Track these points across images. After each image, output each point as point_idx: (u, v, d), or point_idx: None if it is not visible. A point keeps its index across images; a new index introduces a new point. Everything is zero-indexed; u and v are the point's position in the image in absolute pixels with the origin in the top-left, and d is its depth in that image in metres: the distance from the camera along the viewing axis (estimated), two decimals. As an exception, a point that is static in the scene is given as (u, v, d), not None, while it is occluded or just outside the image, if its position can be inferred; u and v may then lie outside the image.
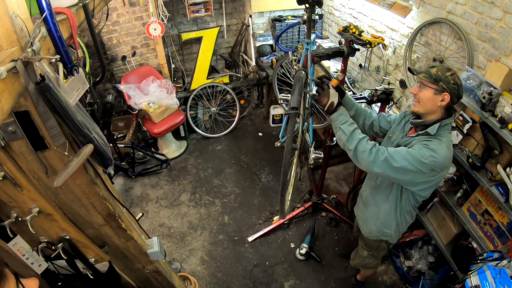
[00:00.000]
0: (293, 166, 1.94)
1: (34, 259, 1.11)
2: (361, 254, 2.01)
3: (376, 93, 2.06)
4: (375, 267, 2.20)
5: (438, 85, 1.36)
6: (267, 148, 3.82)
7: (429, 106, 1.41)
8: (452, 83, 1.34)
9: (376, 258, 2.00)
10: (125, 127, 3.75)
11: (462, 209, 2.04)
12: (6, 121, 0.76)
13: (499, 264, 1.54)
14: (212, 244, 2.82)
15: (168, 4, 3.52)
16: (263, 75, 3.87)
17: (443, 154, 1.36)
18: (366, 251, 1.96)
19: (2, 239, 1.01)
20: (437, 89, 1.36)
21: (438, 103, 1.38)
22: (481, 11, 1.85)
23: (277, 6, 3.79)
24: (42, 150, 0.86)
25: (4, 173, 0.85)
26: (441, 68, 1.39)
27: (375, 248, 1.91)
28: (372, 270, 2.31)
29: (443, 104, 1.38)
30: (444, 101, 1.37)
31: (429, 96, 1.39)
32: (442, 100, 1.37)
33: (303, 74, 1.79)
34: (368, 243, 1.91)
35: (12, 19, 0.67)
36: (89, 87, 2.09)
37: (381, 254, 1.99)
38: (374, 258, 1.98)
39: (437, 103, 1.38)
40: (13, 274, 0.72)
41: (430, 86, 1.38)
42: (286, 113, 1.58)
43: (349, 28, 2.01)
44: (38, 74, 0.70)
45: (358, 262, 2.10)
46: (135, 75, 3.59)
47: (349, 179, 3.38)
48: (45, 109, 0.76)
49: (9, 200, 0.93)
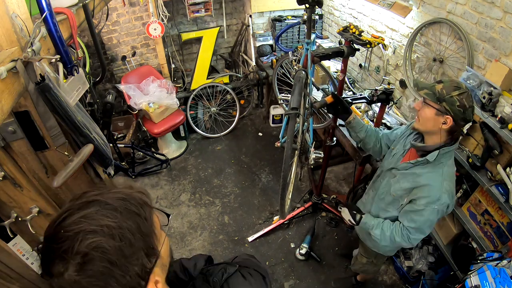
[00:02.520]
0: (293, 166, 1.94)
1: (34, 259, 1.11)
2: (361, 260, 1.99)
3: (376, 93, 2.05)
4: (375, 273, 2.19)
5: (441, 105, 1.21)
6: (267, 148, 3.82)
7: (429, 127, 1.30)
8: (457, 105, 1.18)
9: (376, 265, 1.98)
10: (125, 127, 3.75)
11: (462, 209, 2.04)
12: (6, 121, 0.76)
13: (499, 264, 1.54)
14: (212, 244, 2.81)
15: (168, 4, 3.52)
16: (263, 75, 3.87)
17: (447, 193, 1.32)
18: (365, 258, 1.95)
19: (2, 239, 1.01)
20: (439, 110, 1.22)
21: (439, 125, 1.25)
22: (481, 11, 1.85)
23: (277, 6, 3.79)
24: (42, 150, 0.86)
25: (4, 173, 0.85)
26: (449, 84, 1.22)
27: (373, 255, 1.89)
28: (373, 274, 2.31)
29: (444, 127, 1.24)
30: (446, 124, 1.23)
31: (429, 115, 1.26)
32: (444, 123, 1.23)
33: (303, 74, 1.79)
34: (367, 251, 1.90)
35: (12, 19, 0.67)
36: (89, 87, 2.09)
37: (381, 262, 1.98)
38: (373, 265, 1.97)
39: (438, 125, 1.25)
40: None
41: (432, 105, 1.24)
42: (286, 113, 1.58)
43: (349, 28, 2.01)
44: (38, 74, 0.70)
45: (358, 268, 2.10)
46: (135, 75, 3.59)
47: (349, 179, 3.38)
48: (45, 109, 0.76)
49: (9, 200, 0.93)
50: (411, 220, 1.42)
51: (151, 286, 0.59)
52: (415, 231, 1.42)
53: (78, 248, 0.51)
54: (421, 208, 1.37)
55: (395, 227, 1.49)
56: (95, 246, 0.52)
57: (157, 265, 0.60)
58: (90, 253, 0.51)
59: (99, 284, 0.52)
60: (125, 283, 0.54)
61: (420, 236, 1.45)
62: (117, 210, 0.56)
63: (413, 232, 1.43)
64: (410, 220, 1.43)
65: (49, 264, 0.53)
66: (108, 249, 0.52)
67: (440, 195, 1.32)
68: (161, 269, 0.62)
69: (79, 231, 0.52)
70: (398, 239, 1.46)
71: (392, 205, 1.54)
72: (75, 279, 0.51)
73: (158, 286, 0.60)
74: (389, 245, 1.53)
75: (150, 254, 0.59)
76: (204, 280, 0.72)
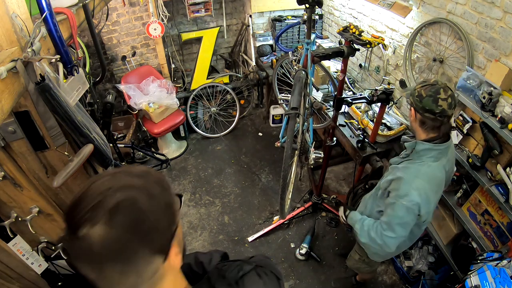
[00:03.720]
0: (293, 166, 1.94)
1: (34, 259, 1.11)
2: (354, 256, 1.98)
3: (376, 93, 2.06)
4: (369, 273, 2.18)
5: (410, 99, 1.30)
6: (267, 148, 3.82)
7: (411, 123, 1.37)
8: (416, 95, 1.25)
9: (368, 265, 1.95)
10: (125, 127, 3.75)
11: (462, 209, 2.04)
12: (6, 121, 0.76)
13: (499, 264, 1.54)
14: (212, 244, 2.81)
15: (168, 4, 3.52)
16: (263, 75, 3.87)
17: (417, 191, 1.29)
18: (358, 254, 1.93)
19: (2, 239, 1.01)
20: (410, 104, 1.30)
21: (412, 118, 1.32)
22: (481, 11, 1.85)
23: (277, 6, 3.79)
24: (42, 150, 0.86)
25: (4, 173, 0.85)
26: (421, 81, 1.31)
27: (365, 254, 1.86)
28: (368, 274, 2.30)
29: (412, 119, 1.31)
30: (412, 117, 1.31)
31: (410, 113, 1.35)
32: (411, 116, 1.32)
33: (303, 74, 1.79)
34: (360, 248, 1.87)
35: (12, 19, 0.67)
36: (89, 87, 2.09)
37: (374, 263, 1.94)
38: (365, 264, 1.93)
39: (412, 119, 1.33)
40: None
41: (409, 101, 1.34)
42: (286, 113, 1.58)
43: (349, 28, 2.01)
44: (38, 74, 0.70)
45: (351, 264, 2.08)
46: (135, 75, 3.59)
47: (349, 179, 3.38)
48: (45, 109, 0.76)
49: (9, 200, 0.93)
50: (385, 214, 1.43)
51: (173, 251, 0.59)
52: (386, 226, 1.41)
53: (108, 200, 0.51)
54: (392, 201, 1.37)
55: (373, 223, 1.50)
56: (125, 198, 0.52)
57: (175, 238, 0.60)
58: (121, 203, 0.52)
59: (129, 237, 0.51)
60: (153, 238, 0.55)
61: (391, 234, 1.40)
62: (142, 177, 0.58)
63: (385, 228, 1.41)
64: (385, 214, 1.43)
65: (76, 225, 0.51)
66: (138, 200, 0.53)
67: (409, 191, 1.31)
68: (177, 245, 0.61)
69: (108, 187, 0.53)
70: (372, 234, 1.46)
71: (381, 199, 1.55)
72: (105, 231, 0.50)
73: (178, 257, 0.61)
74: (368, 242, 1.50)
75: (172, 221, 0.60)
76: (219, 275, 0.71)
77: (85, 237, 0.50)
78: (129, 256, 0.52)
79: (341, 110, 2.39)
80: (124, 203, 0.52)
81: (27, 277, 1.23)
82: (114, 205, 0.51)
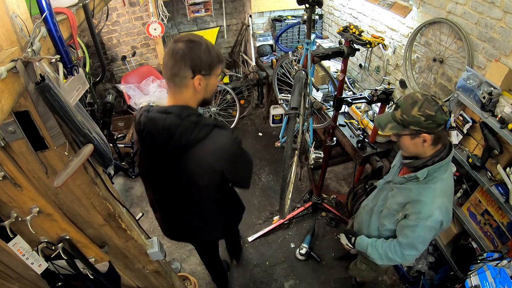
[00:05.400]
0: (293, 166, 1.94)
1: (34, 259, 1.11)
2: (360, 267, 1.95)
3: (376, 93, 2.06)
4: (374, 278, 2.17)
5: (410, 130, 1.19)
6: (267, 148, 3.82)
7: (413, 151, 1.28)
8: (423, 120, 1.16)
9: (375, 272, 1.95)
10: (125, 127, 3.75)
11: (462, 209, 2.04)
12: (6, 121, 0.76)
13: (499, 264, 1.54)
14: (212, 244, 2.81)
15: (168, 4, 3.53)
16: (263, 75, 3.87)
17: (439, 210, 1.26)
18: (364, 264, 1.90)
19: (2, 239, 1.01)
20: (411, 134, 1.21)
21: (421, 145, 1.23)
22: (481, 11, 1.85)
23: (277, 6, 3.79)
24: (42, 150, 0.86)
25: (4, 173, 0.85)
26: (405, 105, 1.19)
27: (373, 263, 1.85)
28: (372, 277, 2.30)
29: (427, 145, 1.22)
30: (427, 141, 1.20)
31: (407, 143, 1.26)
32: (424, 141, 1.21)
33: (303, 74, 1.79)
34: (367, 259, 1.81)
35: (12, 19, 0.67)
36: (89, 87, 2.09)
37: (381, 268, 1.93)
38: (372, 271, 1.93)
39: (420, 145, 1.23)
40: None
41: (404, 134, 1.23)
42: (286, 113, 1.58)
43: (349, 28, 2.01)
44: (38, 74, 0.70)
45: (356, 274, 2.07)
46: (135, 75, 3.59)
47: (349, 179, 3.38)
48: (45, 109, 0.76)
49: (9, 200, 0.93)
50: (404, 236, 1.40)
51: (197, 80, 1.14)
52: (408, 246, 1.40)
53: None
54: (413, 223, 1.34)
55: (387, 244, 1.49)
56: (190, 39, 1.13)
57: (204, 76, 1.16)
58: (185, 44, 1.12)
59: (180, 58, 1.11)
60: (195, 64, 1.13)
61: (413, 252, 1.41)
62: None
63: (406, 248, 1.41)
64: (404, 235, 1.41)
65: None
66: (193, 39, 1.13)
67: (432, 211, 1.28)
68: (203, 80, 1.17)
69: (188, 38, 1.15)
70: (390, 255, 1.46)
71: (388, 218, 1.51)
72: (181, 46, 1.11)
73: (202, 83, 1.17)
74: (386, 263, 1.52)
75: (210, 67, 1.17)
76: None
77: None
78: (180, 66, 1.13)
79: (341, 110, 2.39)
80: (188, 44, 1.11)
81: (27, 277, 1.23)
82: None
